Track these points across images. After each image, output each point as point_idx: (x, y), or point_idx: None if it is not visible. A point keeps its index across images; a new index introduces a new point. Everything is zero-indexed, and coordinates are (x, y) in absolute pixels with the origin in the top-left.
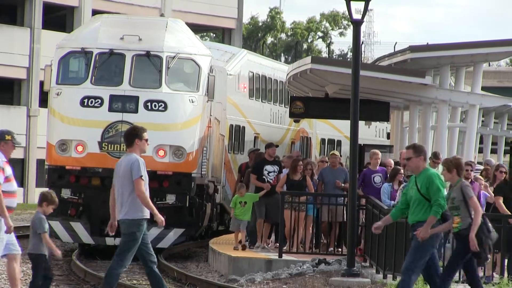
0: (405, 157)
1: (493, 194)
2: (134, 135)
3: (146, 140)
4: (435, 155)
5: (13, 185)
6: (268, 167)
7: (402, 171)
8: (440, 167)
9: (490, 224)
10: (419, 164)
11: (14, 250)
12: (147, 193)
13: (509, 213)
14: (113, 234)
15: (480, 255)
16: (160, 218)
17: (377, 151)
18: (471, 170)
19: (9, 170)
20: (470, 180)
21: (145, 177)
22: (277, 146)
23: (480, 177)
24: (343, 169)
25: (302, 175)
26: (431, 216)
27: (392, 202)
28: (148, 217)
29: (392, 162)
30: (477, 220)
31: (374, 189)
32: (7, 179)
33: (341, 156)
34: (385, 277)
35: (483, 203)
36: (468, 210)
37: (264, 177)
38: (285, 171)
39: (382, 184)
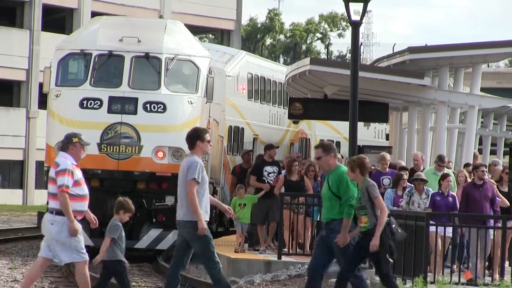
0: (316, 156)
1: (504, 198)
2: (195, 137)
3: (209, 142)
4: (440, 158)
5: (83, 188)
6: (268, 168)
7: (405, 176)
8: (448, 171)
9: (394, 226)
10: (329, 162)
11: (79, 257)
12: (202, 197)
13: None
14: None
15: (380, 255)
16: (203, 226)
17: (386, 154)
18: (443, 166)
19: (78, 174)
20: (483, 181)
21: (202, 180)
22: (277, 147)
23: (492, 180)
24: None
25: (300, 176)
26: (344, 219)
27: (395, 208)
28: (208, 219)
29: (403, 163)
30: (382, 220)
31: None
32: (76, 183)
33: (342, 157)
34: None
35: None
36: (374, 210)
37: (264, 178)
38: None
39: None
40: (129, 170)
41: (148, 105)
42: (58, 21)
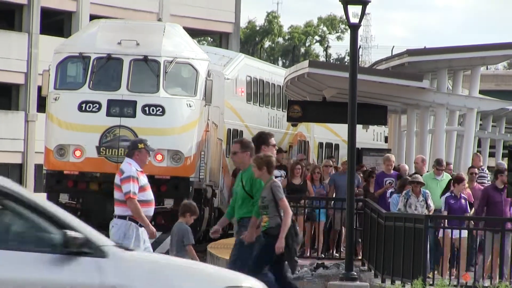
0: (232, 151)
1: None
2: (260, 142)
3: (274, 146)
4: (438, 162)
5: (149, 194)
6: (276, 172)
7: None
8: (448, 175)
9: (298, 227)
10: (245, 159)
11: None
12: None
13: None
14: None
15: (284, 257)
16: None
17: (391, 156)
18: (475, 174)
19: (144, 180)
20: (504, 185)
21: None
22: (285, 151)
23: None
24: (356, 174)
25: (303, 179)
26: (253, 217)
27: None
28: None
29: (407, 167)
30: (287, 221)
31: (386, 193)
32: (142, 189)
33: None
34: (383, 281)
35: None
36: (277, 210)
37: None
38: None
39: (395, 187)
40: None
41: (146, 108)
42: (57, 24)
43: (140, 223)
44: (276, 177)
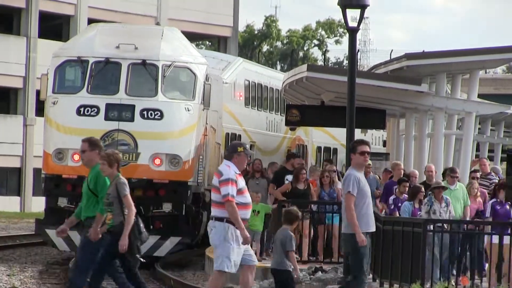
0: (80, 149)
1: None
2: (350, 150)
3: (361, 153)
4: (452, 170)
5: (246, 197)
6: (289, 177)
7: (423, 189)
8: (460, 184)
9: (142, 225)
10: (92, 157)
11: (251, 261)
12: (361, 210)
13: None
14: None
15: (127, 254)
16: (360, 238)
17: (399, 162)
18: (456, 177)
19: (242, 183)
20: (456, 185)
21: (361, 192)
22: (298, 156)
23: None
24: (375, 177)
25: (307, 184)
26: (98, 214)
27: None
28: (371, 230)
29: (417, 173)
30: (130, 219)
31: (388, 199)
32: (239, 191)
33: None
34: (381, 285)
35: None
36: (121, 208)
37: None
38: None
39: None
40: (126, 177)
41: (145, 112)
42: (55, 28)
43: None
44: (287, 180)
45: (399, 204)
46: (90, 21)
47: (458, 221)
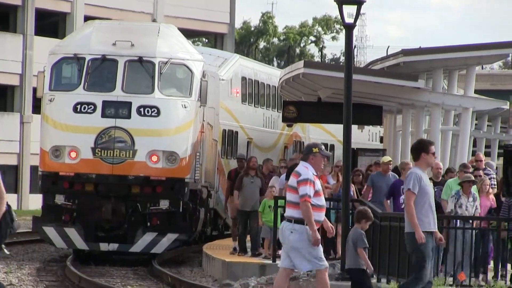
0: None
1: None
2: (420, 149)
3: (433, 154)
4: (466, 166)
5: (322, 199)
6: None
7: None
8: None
9: (14, 214)
10: None
11: (319, 264)
12: (422, 208)
13: None
14: None
15: None
16: (420, 235)
17: (408, 161)
18: (469, 173)
19: (318, 184)
20: (439, 180)
21: (422, 190)
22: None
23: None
24: (395, 175)
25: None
26: None
27: None
28: (433, 230)
29: (441, 164)
30: (2, 207)
31: (399, 198)
32: (316, 193)
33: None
34: (379, 280)
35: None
36: None
37: None
38: (284, 176)
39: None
40: (124, 174)
41: (142, 109)
42: (51, 25)
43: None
44: None
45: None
46: (87, 18)
47: (457, 217)
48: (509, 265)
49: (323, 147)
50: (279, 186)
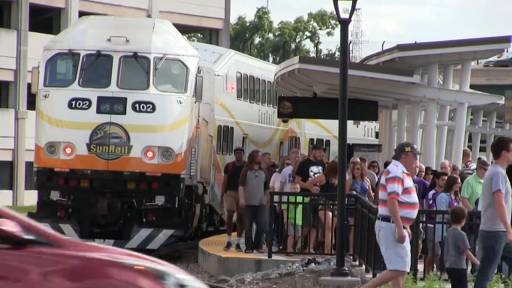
0: None
1: None
2: (501, 147)
3: None
4: (484, 163)
5: (413, 196)
6: (314, 168)
7: (459, 180)
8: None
9: None
10: None
11: (399, 265)
12: (508, 207)
13: None
14: None
15: None
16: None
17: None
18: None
19: (409, 182)
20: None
21: (506, 190)
22: (324, 149)
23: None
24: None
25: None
26: None
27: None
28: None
29: (423, 167)
30: None
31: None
32: (406, 191)
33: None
34: (374, 275)
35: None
36: None
37: (310, 178)
38: (288, 169)
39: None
40: (119, 170)
41: (137, 105)
42: (46, 21)
43: (404, 225)
44: (314, 173)
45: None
46: (81, 14)
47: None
48: None
49: (415, 146)
50: (281, 179)
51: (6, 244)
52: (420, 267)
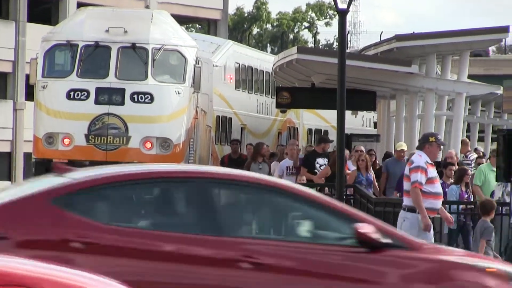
0: None
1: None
2: None
3: None
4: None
5: (437, 186)
6: (320, 160)
7: (469, 172)
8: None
9: None
10: None
11: None
12: None
13: None
14: None
15: None
16: None
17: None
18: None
19: (433, 172)
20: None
21: None
22: (331, 141)
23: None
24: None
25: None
26: None
27: None
28: None
29: (454, 152)
30: None
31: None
32: (430, 180)
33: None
34: None
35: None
36: None
37: (316, 170)
38: (285, 162)
39: None
40: (117, 161)
41: (135, 96)
42: (44, 12)
43: (429, 216)
44: (320, 165)
45: (446, 189)
46: (79, 4)
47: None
48: None
49: (439, 136)
50: (278, 172)
51: (364, 247)
52: None
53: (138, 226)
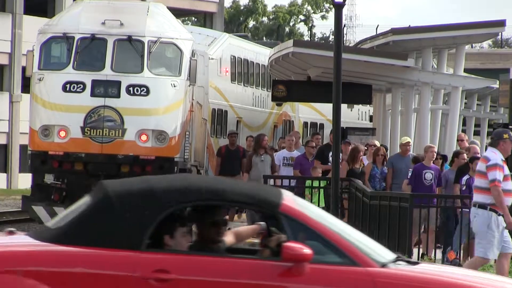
0: None
1: None
2: None
3: None
4: None
5: (509, 184)
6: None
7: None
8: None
9: None
10: None
11: (508, 248)
12: None
13: None
14: None
15: None
16: None
17: (432, 145)
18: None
19: (507, 170)
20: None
21: None
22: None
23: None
24: (414, 155)
25: (362, 163)
26: None
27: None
28: None
29: (478, 149)
30: None
31: (423, 186)
32: (505, 178)
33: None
34: None
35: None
36: None
37: (329, 163)
38: (282, 152)
39: (434, 182)
40: (113, 154)
41: (131, 89)
42: (41, 4)
43: (499, 212)
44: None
45: (472, 184)
46: None
47: (446, 196)
48: None
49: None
50: (276, 162)
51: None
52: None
53: None
